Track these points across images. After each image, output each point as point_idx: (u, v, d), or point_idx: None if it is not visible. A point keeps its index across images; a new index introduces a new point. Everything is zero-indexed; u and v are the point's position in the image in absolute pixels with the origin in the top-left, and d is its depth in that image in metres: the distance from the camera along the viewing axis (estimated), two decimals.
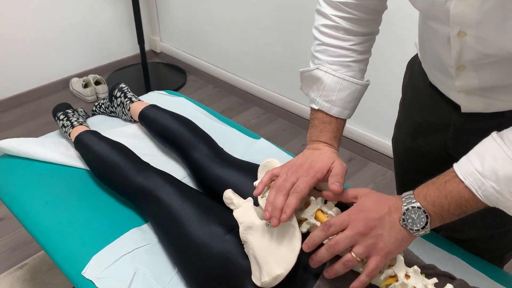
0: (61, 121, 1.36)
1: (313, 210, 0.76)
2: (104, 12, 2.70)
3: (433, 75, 0.85)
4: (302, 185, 0.74)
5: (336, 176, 0.76)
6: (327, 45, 0.83)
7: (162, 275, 0.95)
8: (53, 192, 1.17)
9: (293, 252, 0.74)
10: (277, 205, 0.73)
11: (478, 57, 0.68)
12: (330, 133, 0.85)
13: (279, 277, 0.74)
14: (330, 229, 0.68)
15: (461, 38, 0.66)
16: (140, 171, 1.09)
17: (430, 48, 0.81)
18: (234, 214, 0.84)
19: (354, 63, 0.84)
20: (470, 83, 0.74)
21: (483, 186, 0.63)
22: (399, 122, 1.06)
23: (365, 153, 2.17)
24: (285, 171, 0.79)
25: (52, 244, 1.05)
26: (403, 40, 1.73)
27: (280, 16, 2.21)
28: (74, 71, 2.71)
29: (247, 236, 0.80)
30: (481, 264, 0.98)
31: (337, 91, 0.83)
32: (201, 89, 2.75)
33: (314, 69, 0.84)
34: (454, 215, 0.67)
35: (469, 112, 0.80)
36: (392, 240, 0.67)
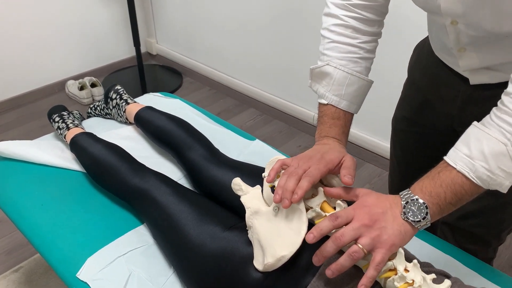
0: (57, 123, 1.36)
1: (320, 200, 0.78)
2: (100, 15, 2.70)
3: (441, 56, 0.93)
4: (314, 171, 0.77)
5: (349, 168, 0.79)
6: (337, 42, 0.88)
7: (157, 277, 0.95)
8: (48, 194, 1.17)
9: (299, 235, 0.75)
10: (288, 188, 0.75)
11: (473, 40, 0.77)
12: (339, 129, 0.89)
13: (283, 258, 0.75)
14: (337, 220, 0.70)
15: (454, 26, 0.76)
16: (136, 172, 1.09)
17: (435, 34, 0.91)
18: (241, 199, 0.85)
19: (361, 59, 0.89)
20: (472, 62, 0.82)
21: (473, 167, 0.67)
22: (403, 100, 1.11)
23: (361, 154, 2.17)
24: (296, 161, 0.82)
25: (47, 246, 1.05)
26: (398, 44, 1.74)
27: (276, 18, 2.22)
28: (70, 73, 2.70)
29: (253, 220, 0.81)
30: (473, 263, 0.99)
31: (346, 85, 0.88)
32: (197, 91, 2.75)
33: (324, 65, 0.89)
34: (451, 204, 0.70)
35: (477, 83, 0.86)
36: (395, 233, 0.68)
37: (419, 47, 1.05)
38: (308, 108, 2.31)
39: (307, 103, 2.31)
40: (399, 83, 1.11)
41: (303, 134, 2.36)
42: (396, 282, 0.70)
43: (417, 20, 1.63)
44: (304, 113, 2.33)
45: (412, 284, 0.69)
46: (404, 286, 0.69)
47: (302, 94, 2.30)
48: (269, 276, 0.78)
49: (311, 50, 2.19)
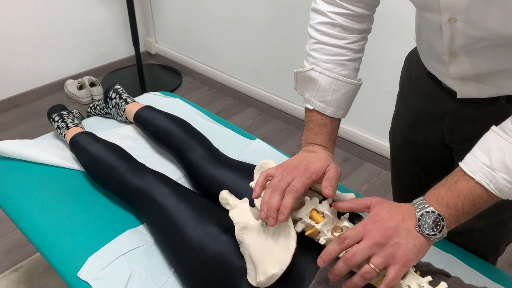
0: (56, 123, 1.36)
1: (308, 209, 0.77)
2: (99, 14, 2.70)
3: (429, 64, 0.87)
4: (298, 185, 0.74)
5: (330, 180, 0.76)
6: (322, 43, 0.83)
7: (158, 276, 0.95)
8: (48, 193, 1.17)
9: (288, 251, 0.74)
10: (273, 205, 0.73)
11: (469, 42, 0.70)
12: (325, 136, 0.85)
13: (274, 276, 0.74)
14: (345, 241, 0.67)
15: (451, 24, 0.69)
16: (136, 172, 1.09)
17: (425, 38, 0.84)
18: (230, 214, 0.84)
19: (349, 61, 0.84)
20: (463, 69, 0.76)
21: (494, 179, 0.64)
22: (396, 115, 1.07)
23: (360, 153, 2.17)
24: (280, 171, 0.79)
25: (47, 246, 1.05)
26: (397, 41, 1.74)
27: (275, 17, 2.22)
28: (69, 73, 2.70)
29: (243, 236, 0.80)
30: (475, 261, 0.99)
31: (332, 91, 0.84)
32: (196, 91, 2.75)
33: (309, 70, 0.85)
34: (468, 214, 0.67)
35: (465, 97, 0.81)
36: (410, 247, 0.65)
37: (409, 58, 1.01)
38: None
39: None
40: (397, 81, 1.11)
41: (302, 133, 2.35)
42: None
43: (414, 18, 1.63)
44: (304, 112, 2.32)
45: None
46: None
47: None
48: None
49: None
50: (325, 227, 0.75)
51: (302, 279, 0.77)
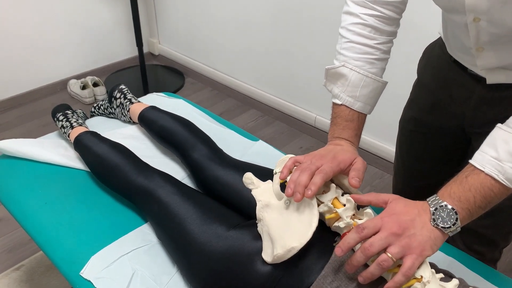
0: (60, 122, 1.36)
1: (331, 196, 0.80)
2: (103, 14, 2.71)
3: (457, 56, 0.92)
4: (327, 169, 0.78)
5: (358, 171, 0.80)
6: (354, 42, 0.88)
7: (161, 276, 0.95)
8: (52, 193, 1.17)
9: (309, 227, 0.76)
10: (302, 182, 0.76)
11: (493, 38, 0.76)
12: (352, 131, 0.90)
13: (293, 249, 0.75)
14: (363, 231, 0.69)
15: (476, 23, 0.75)
16: (141, 172, 1.10)
17: (451, 33, 0.90)
18: (252, 192, 0.86)
19: (377, 61, 0.90)
20: (490, 62, 0.82)
21: (502, 169, 0.67)
22: (411, 101, 1.11)
23: (363, 156, 2.15)
24: (309, 158, 0.83)
25: (50, 245, 1.05)
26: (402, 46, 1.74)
27: (278, 20, 2.22)
28: (72, 72, 2.71)
29: (263, 213, 0.82)
30: (476, 265, 0.99)
31: (361, 87, 0.89)
32: (199, 92, 2.76)
33: (340, 66, 0.89)
34: (480, 208, 0.69)
35: (494, 83, 0.86)
36: (425, 239, 0.68)
37: (429, 49, 1.06)
38: (309, 109, 2.32)
39: (309, 104, 2.31)
40: (402, 86, 1.12)
41: (305, 136, 2.36)
42: None
43: (421, 25, 1.64)
44: (306, 115, 2.33)
45: (421, 279, 0.69)
46: (412, 281, 0.70)
47: (304, 96, 2.31)
48: (275, 271, 0.79)
49: (314, 52, 2.20)
50: (345, 212, 0.77)
51: (311, 270, 0.78)
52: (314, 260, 0.79)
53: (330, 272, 0.77)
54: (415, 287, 0.70)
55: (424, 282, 0.69)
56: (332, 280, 0.76)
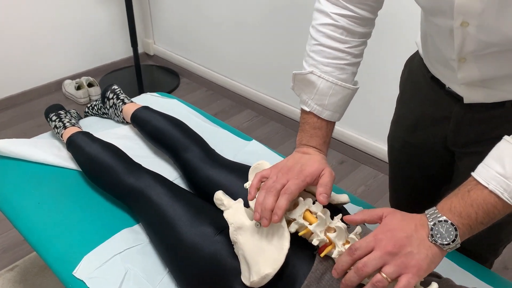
0: (54, 122, 1.36)
1: (301, 210, 0.78)
2: (98, 15, 2.70)
3: (435, 69, 0.87)
4: (292, 187, 0.75)
5: (325, 186, 0.78)
6: (324, 46, 0.83)
7: (153, 275, 0.95)
8: (45, 193, 1.18)
9: (281, 252, 0.75)
10: (267, 206, 0.74)
11: (480, 47, 0.70)
12: (320, 139, 0.86)
13: (267, 276, 0.75)
14: (355, 252, 0.66)
15: (464, 29, 0.68)
16: (132, 172, 1.10)
17: (432, 43, 0.84)
18: (224, 215, 0.85)
19: (348, 66, 0.84)
20: (472, 74, 0.76)
21: (508, 188, 0.63)
22: (396, 118, 1.08)
23: (356, 155, 2.18)
24: (275, 172, 0.80)
25: (43, 245, 1.05)
26: (395, 45, 1.75)
27: (273, 20, 2.23)
28: (67, 73, 2.70)
29: (237, 236, 0.81)
30: (467, 263, 1.00)
31: (329, 95, 0.84)
32: (194, 92, 2.76)
33: (308, 73, 0.85)
34: (482, 224, 0.66)
35: (471, 102, 0.82)
36: (422, 257, 0.64)
37: (410, 62, 1.01)
38: None
39: None
40: (395, 85, 1.12)
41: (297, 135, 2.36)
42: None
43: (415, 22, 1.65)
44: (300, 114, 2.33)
45: None
46: None
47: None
48: None
49: None
50: (318, 228, 0.76)
51: (294, 279, 0.78)
52: (297, 270, 0.79)
53: (313, 281, 0.76)
54: None
55: None
56: None
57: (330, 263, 0.78)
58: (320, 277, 0.77)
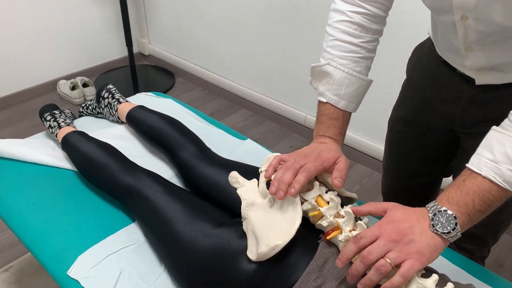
0: (48, 122, 1.36)
1: (315, 194, 0.81)
2: (93, 15, 2.70)
3: (446, 56, 0.93)
4: (311, 167, 0.79)
5: (341, 171, 0.82)
6: (339, 40, 0.89)
7: (148, 275, 0.95)
8: (39, 193, 1.17)
9: (293, 225, 0.77)
10: (285, 180, 0.77)
11: (481, 37, 0.77)
12: (337, 129, 0.91)
13: (276, 247, 0.76)
14: (361, 240, 0.68)
15: (464, 22, 0.76)
16: (128, 171, 1.10)
17: (441, 34, 0.91)
18: (238, 191, 0.87)
19: (362, 59, 0.90)
20: (479, 62, 0.82)
21: (499, 171, 0.66)
22: (401, 101, 1.12)
23: (352, 155, 2.19)
24: (293, 157, 0.83)
25: (37, 245, 1.05)
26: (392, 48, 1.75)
27: (268, 19, 2.23)
28: (62, 73, 2.70)
29: (248, 212, 0.83)
30: (462, 261, 1.01)
31: (345, 85, 0.89)
32: (189, 92, 2.76)
33: (325, 64, 0.90)
34: (480, 212, 0.69)
35: (483, 84, 0.86)
36: (424, 245, 0.67)
37: (419, 49, 1.06)
38: (300, 109, 2.33)
39: (299, 104, 2.32)
40: (391, 85, 1.13)
41: (295, 135, 2.37)
42: None
43: (410, 24, 1.65)
44: (296, 114, 2.34)
45: None
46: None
47: (294, 95, 2.32)
48: (260, 269, 0.79)
49: (304, 51, 2.21)
50: (328, 211, 0.78)
51: (297, 266, 0.79)
52: (299, 257, 0.80)
53: (314, 269, 0.78)
54: None
55: None
56: (316, 277, 0.77)
57: (332, 252, 0.79)
58: (322, 265, 0.78)
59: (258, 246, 0.78)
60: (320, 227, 0.81)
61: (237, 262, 0.82)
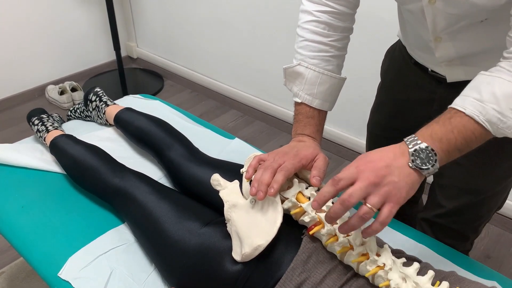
0: (36, 126, 1.36)
1: (295, 191, 0.82)
2: (80, 19, 2.70)
3: (417, 54, 0.94)
4: (289, 165, 0.80)
5: (319, 169, 0.82)
6: (309, 41, 0.90)
7: (139, 274, 0.96)
8: (29, 196, 1.17)
9: (274, 225, 0.79)
10: (264, 181, 0.78)
11: (450, 22, 0.77)
12: (314, 127, 0.92)
13: (259, 247, 0.78)
14: (339, 183, 0.67)
15: (432, 6, 0.76)
16: (116, 172, 1.10)
17: (411, 30, 0.92)
18: (220, 194, 0.88)
19: (333, 58, 0.91)
20: (448, 52, 0.83)
21: (484, 110, 0.66)
22: (377, 105, 1.13)
23: (340, 152, 2.21)
24: (272, 156, 0.85)
25: (27, 248, 1.05)
26: (373, 41, 1.78)
27: (253, 21, 2.25)
28: (50, 78, 2.69)
29: (231, 214, 0.84)
30: (447, 251, 1.02)
31: (318, 84, 0.91)
32: (178, 94, 2.76)
33: (296, 65, 0.92)
34: (458, 150, 0.69)
35: (454, 81, 0.88)
36: (403, 185, 0.66)
37: (390, 51, 1.07)
38: (288, 108, 2.35)
39: (287, 103, 2.34)
40: (376, 82, 1.15)
41: (285, 134, 2.39)
42: (368, 266, 0.74)
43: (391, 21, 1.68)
44: (285, 113, 2.36)
45: (383, 267, 0.72)
46: (375, 269, 0.73)
47: (283, 95, 2.34)
48: (246, 267, 0.81)
49: (289, 51, 2.23)
50: (309, 207, 0.80)
51: (281, 262, 0.81)
52: (283, 254, 0.81)
53: (299, 264, 0.79)
54: (379, 274, 0.73)
55: (386, 270, 0.72)
56: (301, 271, 0.79)
57: (316, 246, 0.81)
58: (306, 260, 0.79)
59: (242, 247, 0.80)
60: (303, 222, 0.82)
61: (223, 261, 0.83)
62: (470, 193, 1.01)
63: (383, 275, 0.72)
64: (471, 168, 0.96)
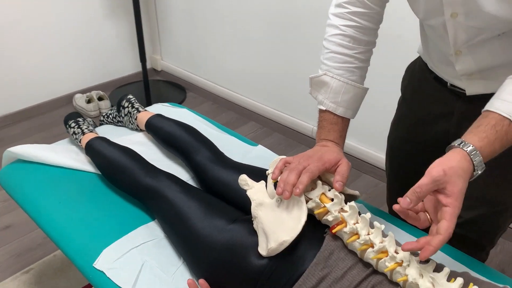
0: (72, 129, 1.45)
1: (318, 192, 0.87)
2: (108, 31, 2.82)
3: (438, 68, 0.98)
4: (313, 168, 0.86)
5: (342, 175, 0.88)
6: (334, 53, 0.96)
7: (168, 267, 1.02)
8: (65, 193, 1.25)
9: (299, 222, 0.84)
10: (290, 181, 0.84)
11: (471, 35, 0.81)
12: (337, 133, 0.98)
13: (285, 242, 0.83)
14: None
15: (454, 19, 0.80)
16: (148, 173, 1.17)
17: (433, 45, 0.96)
18: (247, 193, 0.94)
19: (357, 69, 0.97)
20: (469, 66, 0.87)
21: None
22: (398, 119, 1.17)
23: (358, 165, 2.25)
24: (297, 159, 0.90)
25: (64, 240, 1.12)
26: (393, 58, 1.84)
27: (274, 36, 2.33)
28: (78, 87, 2.80)
29: (258, 211, 0.89)
30: (460, 256, 1.05)
31: (342, 93, 0.96)
32: (200, 105, 2.85)
33: (322, 75, 0.98)
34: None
35: (473, 95, 0.92)
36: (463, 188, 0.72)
37: (411, 67, 1.12)
38: (307, 121, 2.41)
39: (306, 116, 2.40)
40: (395, 96, 1.19)
41: (303, 147, 2.44)
42: (387, 262, 0.78)
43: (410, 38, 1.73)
44: (304, 126, 2.42)
45: (401, 263, 0.77)
46: (394, 265, 0.77)
47: (302, 108, 2.40)
48: (271, 262, 0.86)
49: (308, 65, 2.29)
50: (333, 207, 0.85)
51: (305, 258, 0.86)
52: (306, 250, 0.86)
53: (321, 260, 0.84)
54: (397, 270, 0.77)
55: (404, 265, 0.76)
56: (323, 267, 0.83)
57: (337, 244, 0.85)
58: (328, 256, 0.84)
59: (268, 242, 0.85)
60: (326, 222, 0.87)
61: (249, 256, 0.88)
62: (486, 204, 1.04)
63: (401, 271, 0.77)
64: (488, 179, 0.98)
